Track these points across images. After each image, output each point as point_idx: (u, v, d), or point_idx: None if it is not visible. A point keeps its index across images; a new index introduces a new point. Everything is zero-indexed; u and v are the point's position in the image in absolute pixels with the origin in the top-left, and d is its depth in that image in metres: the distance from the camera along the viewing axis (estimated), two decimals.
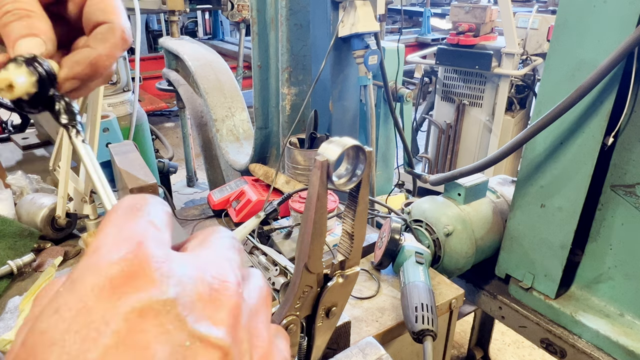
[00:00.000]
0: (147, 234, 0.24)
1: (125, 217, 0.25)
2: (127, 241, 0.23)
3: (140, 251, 0.23)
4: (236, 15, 3.82)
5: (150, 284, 0.22)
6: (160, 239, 0.25)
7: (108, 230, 0.24)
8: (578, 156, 1.13)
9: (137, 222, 0.25)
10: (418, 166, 3.70)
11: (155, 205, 0.27)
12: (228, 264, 0.26)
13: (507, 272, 1.38)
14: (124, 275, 0.21)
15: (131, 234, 0.24)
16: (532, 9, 4.08)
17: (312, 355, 0.51)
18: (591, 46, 1.05)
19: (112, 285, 0.21)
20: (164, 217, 0.27)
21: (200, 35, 6.65)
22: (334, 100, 1.74)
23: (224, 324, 0.23)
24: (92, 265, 0.22)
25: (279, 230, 1.36)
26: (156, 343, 0.20)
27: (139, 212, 0.26)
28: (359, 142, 0.40)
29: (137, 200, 0.27)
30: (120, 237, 0.23)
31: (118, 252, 0.22)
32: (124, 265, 0.22)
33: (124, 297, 0.21)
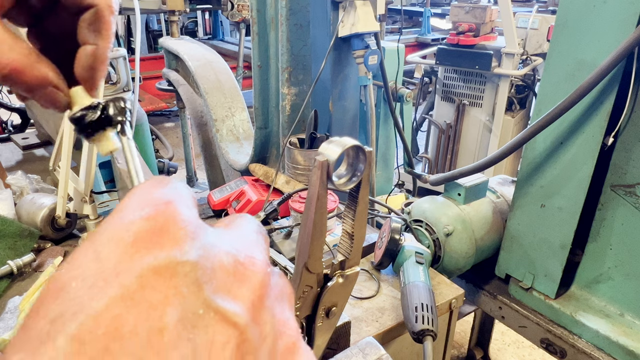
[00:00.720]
0: (176, 197, 0.23)
1: (154, 184, 0.24)
2: (155, 200, 0.22)
3: (169, 209, 0.22)
4: (236, 15, 3.81)
5: (172, 243, 0.21)
6: (190, 205, 0.24)
7: (136, 192, 0.23)
8: (578, 156, 1.13)
9: (166, 188, 0.24)
10: (418, 166, 3.70)
11: (180, 184, 0.27)
12: (256, 245, 0.25)
13: (507, 272, 1.38)
14: (147, 231, 0.21)
15: (160, 195, 0.23)
16: (532, 9, 4.08)
17: None
18: (591, 46, 1.05)
19: (133, 239, 0.20)
20: (190, 195, 0.26)
21: (200, 35, 6.65)
22: (334, 100, 1.74)
23: (245, 301, 0.21)
24: (117, 219, 0.21)
25: (279, 230, 1.36)
26: (166, 304, 0.19)
27: (168, 183, 0.25)
28: (359, 142, 0.40)
29: (161, 178, 0.26)
30: (149, 197, 0.23)
31: (146, 208, 0.22)
32: (150, 220, 0.21)
33: (142, 252, 0.20)
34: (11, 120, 2.93)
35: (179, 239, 0.21)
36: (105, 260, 0.20)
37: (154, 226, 0.21)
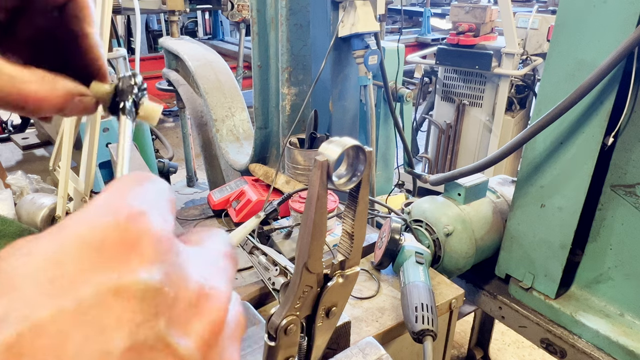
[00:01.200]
0: (155, 205, 0.22)
1: (135, 182, 0.23)
2: (132, 208, 0.20)
3: (144, 221, 0.20)
4: (236, 15, 3.81)
5: (140, 262, 0.19)
6: (166, 216, 0.22)
7: (115, 190, 0.22)
8: (578, 156, 1.13)
9: (146, 190, 0.23)
10: (418, 166, 3.70)
11: (158, 183, 0.25)
12: (224, 272, 0.24)
13: (507, 272, 1.38)
14: (117, 242, 0.19)
15: (138, 201, 0.21)
16: (532, 9, 4.08)
17: (312, 355, 0.51)
18: (591, 46, 1.05)
19: (101, 247, 0.19)
20: (169, 193, 0.25)
21: (200, 35, 6.65)
22: (334, 100, 1.74)
23: (199, 338, 0.20)
24: (90, 217, 0.19)
25: (279, 230, 1.36)
26: (118, 330, 0.18)
27: (143, 186, 0.23)
28: (359, 142, 0.40)
29: (140, 176, 0.25)
30: (126, 202, 0.21)
31: (122, 212, 0.20)
32: (122, 231, 0.19)
33: (107, 265, 0.18)
34: (11, 120, 2.93)
35: (148, 259, 0.19)
36: (67, 264, 0.18)
37: (125, 239, 0.19)
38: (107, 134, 1.89)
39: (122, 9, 2.78)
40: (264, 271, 1.01)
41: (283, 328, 0.46)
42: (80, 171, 1.42)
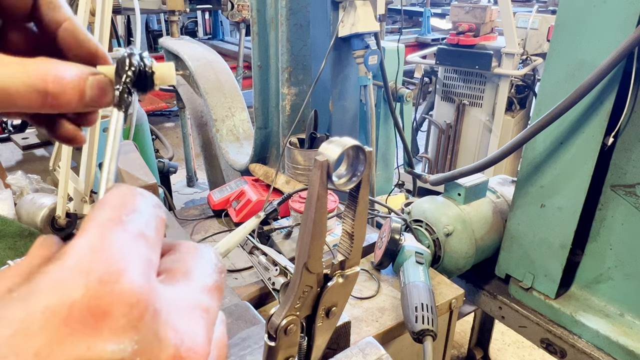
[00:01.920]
0: (133, 257, 0.21)
1: (114, 223, 0.22)
2: (109, 261, 0.20)
3: (119, 284, 0.19)
4: (236, 15, 3.81)
5: (111, 333, 0.18)
6: (149, 260, 0.22)
7: (90, 236, 0.21)
8: (578, 156, 1.13)
9: (125, 234, 0.21)
10: (418, 166, 3.70)
11: (148, 206, 0.24)
12: (204, 320, 0.23)
13: (507, 272, 1.38)
14: (88, 309, 0.18)
15: (116, 252, 0.20)
16: (532, 9, 4.08)
17: (312, 355, 0.51)
18: (591, 46, 1.05)
19: (69, 316, 0.18)
20: (158, 224, 0.24)
21: (200, 35, 6.65)
22: (334, 100, 1.74)
23: None
24: (59, 281, 0.19)
25: (279, 230, 1.36)
26: None
27: (130, 216, 0.23)
28: (359, 142, 0.40)
29: (128, 199, 0.24)
30: (102, 253, 0.20)
31: (93, 274, 0.19)
32: (94, 296, 0.18)
33: (76, 337, 0.18)
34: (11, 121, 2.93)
35: (119, 329, 0.19)
36: (35, 336, 0.17)
37: (96, 307, 0.18)
38: (107, 134, 1.88)
39: (122, 9, 2.78)
40: (264, 271, 1.01)
41: (283, 328, 0.46)
42: (80, 171, 1.42)
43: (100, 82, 0.31)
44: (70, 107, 0.29)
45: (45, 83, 0.27)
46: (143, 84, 0.35)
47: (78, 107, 0.30)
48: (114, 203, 0.23)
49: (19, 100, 0.27)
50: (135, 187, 0.25)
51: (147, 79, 0.35)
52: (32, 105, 0.27)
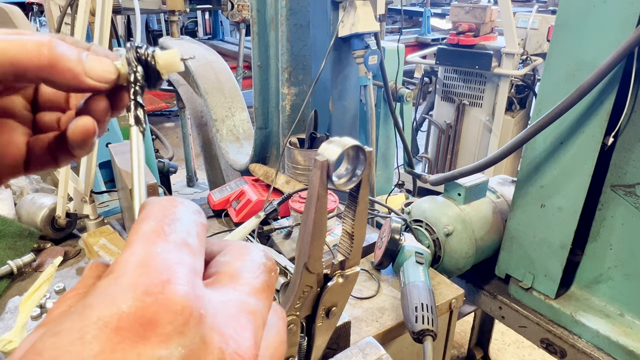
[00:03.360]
0: (177, 266, 0.22)
1: (157, 234, 0.23)
2: (154, 273, 0.21)
3: (164, 293, 0.20)
4: (236, 15, 3.81)
5: (159, 339, 0.20)
6: (193, 268, 0.23)
7: (135, 250, 0.22)
8: (578, 156, 1.13)
9: (169, 245, 0.23)
10: (418, 166, 3.69)
11: (189, 216, 0.25)
12: (250, 324, 0.24)
13: (507, 272, 1.38)
14: (136, 319, 0.20)
15: (161, 263, 0.22)
16: (532, 9, 4.07)
17: (312, 355, 0.51)
18: (591, 46, 1.05)
19: (119, 326, 0.19)
20: (200, 231, 0.25)
21: (200, 35, 6.65)
22: (334, 100, 1.74)
23: None
24: (109, 295, 0.20)
25: (279, 230, 1.36)
26: None
27: (172, 226, 0.24)
28: (359, 142, 0.40)
29: (169, 209, 0.25)
30: (148, 267, 0.21)
31: (139, 286, 0.20)
32: (141, 306, 0.20)
33: (126, 344, 0.19)
34: None
35: (166, 336, 0.20)
36: (91, 346, 0.19)
37: (144, 315, 0.20)
38: (107, 134, 1.88)
39: (122, 9, 2.78)
40: None
41: None
42: (80, 171, 1.42)
43: (99, 57, 0.34)
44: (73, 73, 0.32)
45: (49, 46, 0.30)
46: (148, 76, 0.35)
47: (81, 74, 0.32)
48: (156, 215, 0.24)
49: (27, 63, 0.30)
50: (175, 197, 0.26)
51: (150, 70, 0.35)
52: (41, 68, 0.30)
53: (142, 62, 0.35)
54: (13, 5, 1.84)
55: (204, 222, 0.26)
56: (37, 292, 0.96)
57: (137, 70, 0.35)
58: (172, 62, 0.35)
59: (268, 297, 0.26)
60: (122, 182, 1.29)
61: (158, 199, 0.26)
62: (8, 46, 0.30)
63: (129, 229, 1.35)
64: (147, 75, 0.35)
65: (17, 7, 1.84)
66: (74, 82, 0.32)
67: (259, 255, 0.28)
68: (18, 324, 0.92)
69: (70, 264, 1.35)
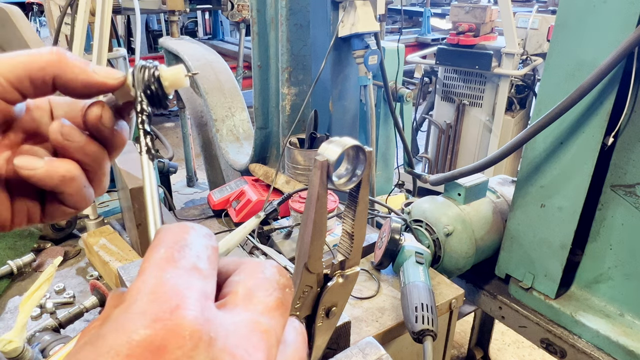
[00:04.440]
0: (186, 291, 0.22)
1: (168, 261, 0.24)
2: (163, 300, 0.22)
3: (172, 319, 0.21)
4: (236, 15, 3.81)
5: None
6: (203, 292, 0.23)
7: (146, 278, 0.23)
8: (578, 156, 1.13)
9: (179, 270, 0.23)
10: (418, 166, 3.70)
11: (199, 240, 0.26)
12: (263, 343, 0.24)
13: (507, 272, 1.38)
14: (146, 346, 0.20)
15: (170, 289, 0.22)
16: (532, 9, 4.08)
17: (312, 355, 0.51)
18: (591, 46, 1.05)
19: (130, 355, 0.20)
20: (210, 254, 0.26)
21: (200, 35, 6.65)
22: (334, 100, 1.74)
23: None
24: (120, 324, 0.21)
25: (279, 230, 1.36)
26: None
27: (182, 252, 0.24)
28: (359, 142, 0.40)
29: (179, 235, 0.25)
30: (157, 294, 0.22)
31: (149, 314, 0.21)
32: (151, 334, 0.20)
33: None
34: None
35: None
36: None
37: (153, 342, 0.20)
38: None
39: (122, 9, 2.78)
40: None
41: None
42: None
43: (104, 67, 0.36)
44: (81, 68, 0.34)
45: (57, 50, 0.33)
46: (156, 98, 0.36)
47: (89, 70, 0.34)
48: (167, 242, 0.25)
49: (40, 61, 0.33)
50: (186, 223, 0.27)
51: (157, 92, 0.35)
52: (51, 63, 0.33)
53: (149, 83, 0.35)
54: (13, 5, 1.84)
55: (215, 245, 0.27)
56: (37, 292, 0.96)
57: (143, 99, 0.36)
58: (177, 79, 0.36)
59: (282, 315, 0.27)
60: (122, 182, 1.29)
61: (170, 226, 0.26)
62: (21, 58, 0.33)
63: (129, 229, 1.34)
64: (155, 96, 0.36)
65: (17, 7, 1.83)
66: (83, 76, 0.34)
67: (272, 272, 0.28)
68: (18, 324, 0.92)
69: (70, 264, 1.35)
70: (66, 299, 1.17)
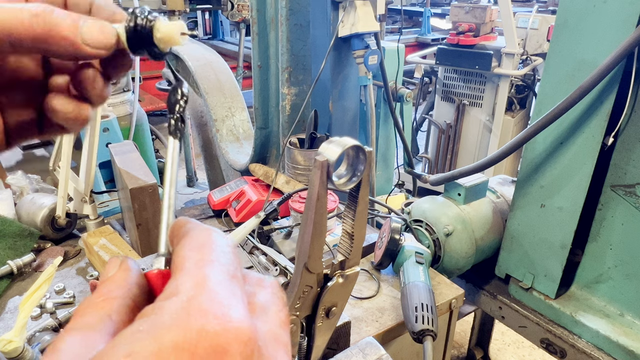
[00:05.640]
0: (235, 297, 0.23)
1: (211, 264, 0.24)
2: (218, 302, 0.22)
3: (232, 323, 0.22)
4: (236, 15, 3.82)
5: None
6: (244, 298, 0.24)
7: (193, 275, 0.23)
8: (578, 156, 1.13)
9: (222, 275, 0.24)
10: (418, 166, 3.70)
11: (229, 246, 0.27)
12: (287, 356, 0.25)
13: (507, 272, 1.38)
14: (210, 347, 0.20)
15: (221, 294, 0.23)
16: (532, 9, 4.07)
17: (312, 355, 0.51)
18: (591, 46, 1.05)
19: (195, 353, 0.20)
20: (234, 256, 0.26)
21: (200, 35, 6.65)
22: (334, 100, 1.74)
23: None
24: (180, 318, 0.21)
25: (279, 230, 1.36)
26: None
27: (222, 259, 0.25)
28: (359, 142, 0.40)
29: (205, 238, 0.26)
30: (210, 294, 0.22)
31: (209, 314, 0.21)
32: (214, 336, 0.21)
33: None
34: None
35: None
36: None
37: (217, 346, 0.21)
38: (107, 134, 1.89)
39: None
40: (264, 271, 1.01)
41: None
42: (80, 171, 1.42)
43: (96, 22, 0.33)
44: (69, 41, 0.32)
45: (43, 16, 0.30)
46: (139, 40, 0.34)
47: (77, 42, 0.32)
48: (204, 243, 0.26)
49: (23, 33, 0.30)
50: (210, 228, 0.28)
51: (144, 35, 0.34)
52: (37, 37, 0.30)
53: (140, 31, 0.34)
54: None
55: (235, 250, 0.28)
56: (37, 292, 0.96)
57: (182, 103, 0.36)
58: (171, 36, 0.34)
59: (288, 330, 0.28)
60: (122, 182, 1.29)
61: (199, 226, 0.27)
62: (4, 17, 0.30)
63: (129, 229, 1.34)
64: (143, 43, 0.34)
65: None
66: (71, 49, 0.32)
67: (277, 288, 0.29)
68: (18, 324, 0.92)
69: (70, 264, 1.35)
70: (66, 299, 1.17)
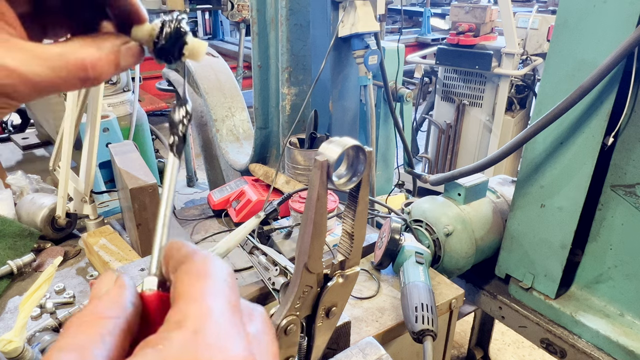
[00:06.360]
0: (236, 330, 0.25)
1: (215, 296, 0.25)
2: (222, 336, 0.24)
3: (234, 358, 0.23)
4: (236, 15, 3.82)
5: None
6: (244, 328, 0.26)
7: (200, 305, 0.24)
8: (578, 156, 1.13)
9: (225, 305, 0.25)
10: (418, 166, 3.70)
11: (223, 270, 0.27)
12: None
13: (507, 272, 1.38)
14: None
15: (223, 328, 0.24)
16: (532, 9, 4.07)
17: (312, 355, 0.51)
18: (591, 46, 1.05)
19: None
20: (233, 285, 0.27)
21: (200, 35, 6.65)
22: (334, 100, 1.74)
23: None
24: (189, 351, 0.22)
25: (279, 230, 1.36)
26: None
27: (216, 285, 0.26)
28: (359, 142, 0.40)
29: (206, 267, 0.27)
30: (215, 326, 0.24)
31: (215, 347, 0.23)
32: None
33: None
34: (11, 120, 2.94)
35: None
36: None
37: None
38: (107, 134, 1.88)
39: None
40: (264, 271, 1.01)
41: (283, 328, 0.46)
42: (80, 171, 1.42)
43: (131, 50, 0.34)
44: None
45: (86, 72, 0.31)
46: (171, 48, 0.35)
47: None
48: (209, 272, 0.27)
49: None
50: (208, 254, 0.28)
51: (176, 45, 0.35)
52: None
53: (173, 36, 0.35)
54: None
55: (234, 279, 0.28)
56: (37, 292, 0.96)
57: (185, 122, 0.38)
58: (197, 52, 0.36)
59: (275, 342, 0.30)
60: (122, 182, 1.29)
61: (197, 253, 0.28)
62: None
63: (129, 229, 1.34)
64: (169, 50, 0.35)
65: None
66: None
67: (267, 317, 0.31)
68: (18, 324, 0.92)
69: (70, 264, 1.35)
70: (66, 299, 1.17)
